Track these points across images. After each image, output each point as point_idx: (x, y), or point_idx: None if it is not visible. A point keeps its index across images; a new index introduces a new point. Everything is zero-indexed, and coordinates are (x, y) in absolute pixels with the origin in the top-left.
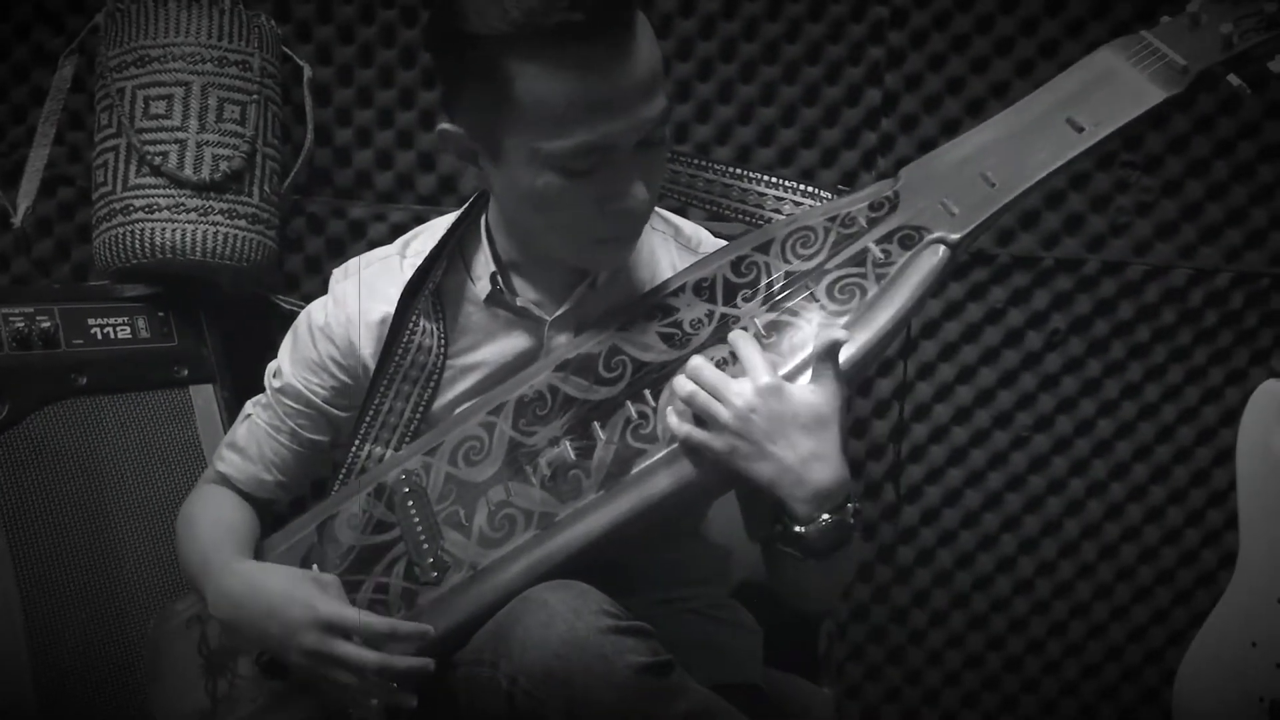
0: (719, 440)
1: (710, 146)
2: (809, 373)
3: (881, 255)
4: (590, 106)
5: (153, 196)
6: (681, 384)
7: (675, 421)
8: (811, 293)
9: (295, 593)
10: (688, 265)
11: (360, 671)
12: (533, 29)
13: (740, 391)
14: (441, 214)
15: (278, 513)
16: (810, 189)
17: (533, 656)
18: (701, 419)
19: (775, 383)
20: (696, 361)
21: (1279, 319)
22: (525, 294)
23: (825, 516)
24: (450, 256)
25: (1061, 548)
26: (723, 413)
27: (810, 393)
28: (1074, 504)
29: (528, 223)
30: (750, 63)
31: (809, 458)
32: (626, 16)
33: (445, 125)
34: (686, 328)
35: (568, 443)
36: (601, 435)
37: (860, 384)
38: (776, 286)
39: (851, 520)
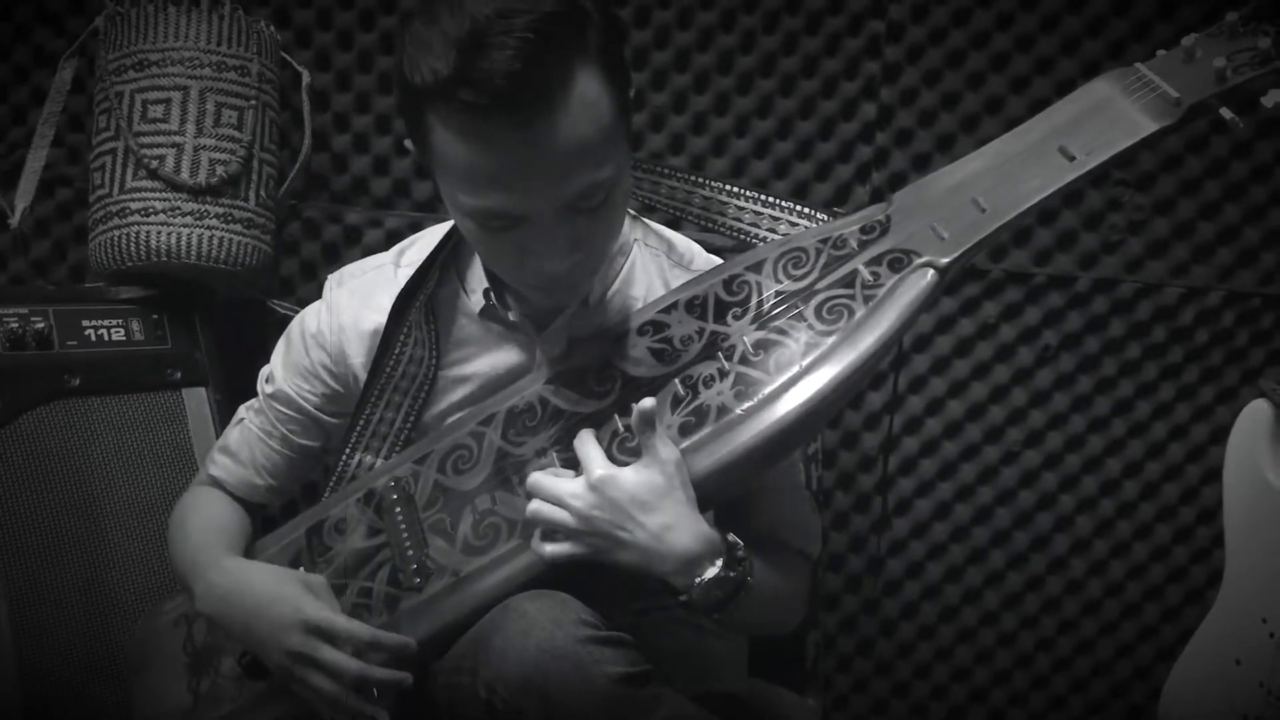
0: (578, 546)
1: (705, 159)
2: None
3: (870, 277)
4: (491, 178)
5: (149, 200)
6: (528, 506)
7: (538, 544)
8: (800, 312)
9: (282, 592)
10: (680, 282)
11: (339, 677)
12: (442, 94)
13: (576, 493)
14: (437, 221)
15: (269, 516)
16: (805, 209)
17: (511, 665)
18: (556, 532)
19: (606, 473)
20: (533, 477)
21: (1270, 338)
22: (518, 308)
23: (700, 578)
24: (444, 268)
25: (1050, 563)
26: (568, 520)
27: (642, 468)
28: (1063, 520)
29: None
30: (746, 75)
31: (661, 531)
32: (538, 101)
33: (407, 141)
34: (677, 344)
35: (554, 454)
36: None
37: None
38: (767, 305)
39: (733, 573)
